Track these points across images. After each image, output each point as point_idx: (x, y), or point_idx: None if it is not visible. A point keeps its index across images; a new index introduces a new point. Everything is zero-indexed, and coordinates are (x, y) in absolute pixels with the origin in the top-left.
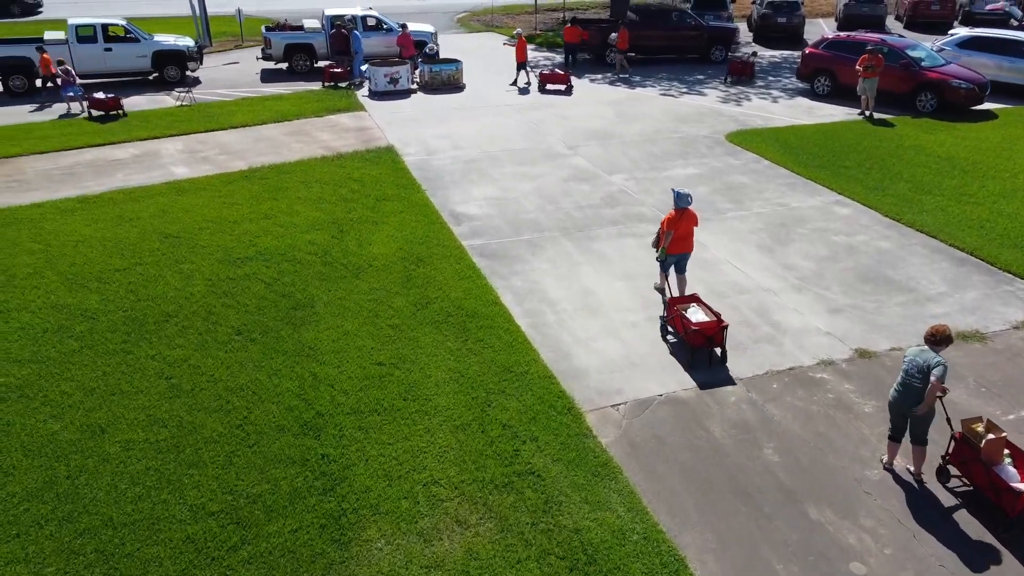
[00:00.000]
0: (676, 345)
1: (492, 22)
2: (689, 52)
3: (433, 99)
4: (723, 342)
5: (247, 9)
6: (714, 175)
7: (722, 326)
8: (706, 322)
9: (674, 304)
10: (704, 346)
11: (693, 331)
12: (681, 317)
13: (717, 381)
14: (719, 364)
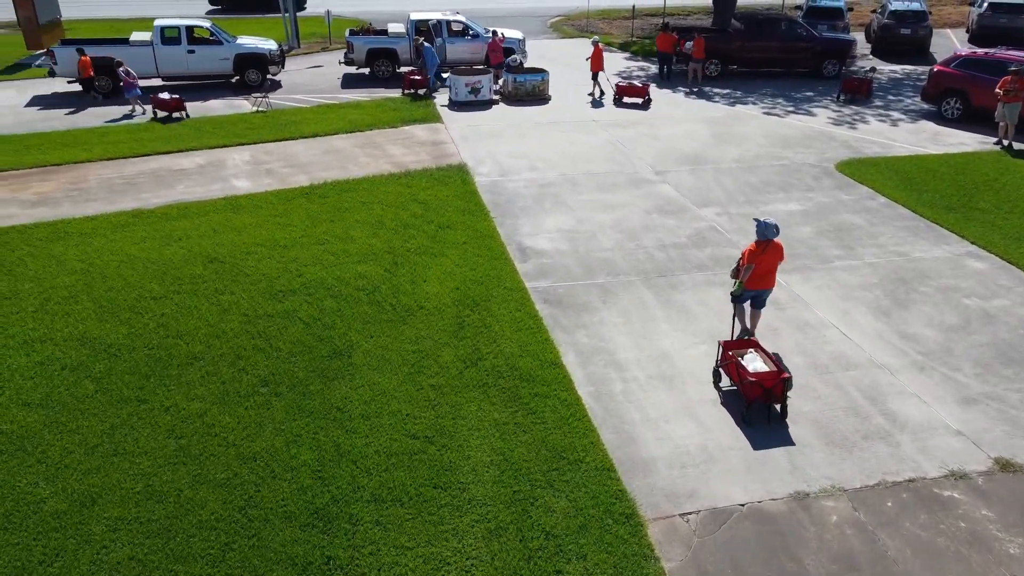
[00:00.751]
0: (765, 434)
1: (587, 27)
2: (799, 66)
3: (515, 111)
4: (784, 396)
5: (340, 10)
6: (820, 213)
7: (783, 377)
8: (765, 372)
9: (729, 348)
10: (761, 399)
11: (750, 382)
12: (736, 365)
13: (814, 486)
14: (778, 421)
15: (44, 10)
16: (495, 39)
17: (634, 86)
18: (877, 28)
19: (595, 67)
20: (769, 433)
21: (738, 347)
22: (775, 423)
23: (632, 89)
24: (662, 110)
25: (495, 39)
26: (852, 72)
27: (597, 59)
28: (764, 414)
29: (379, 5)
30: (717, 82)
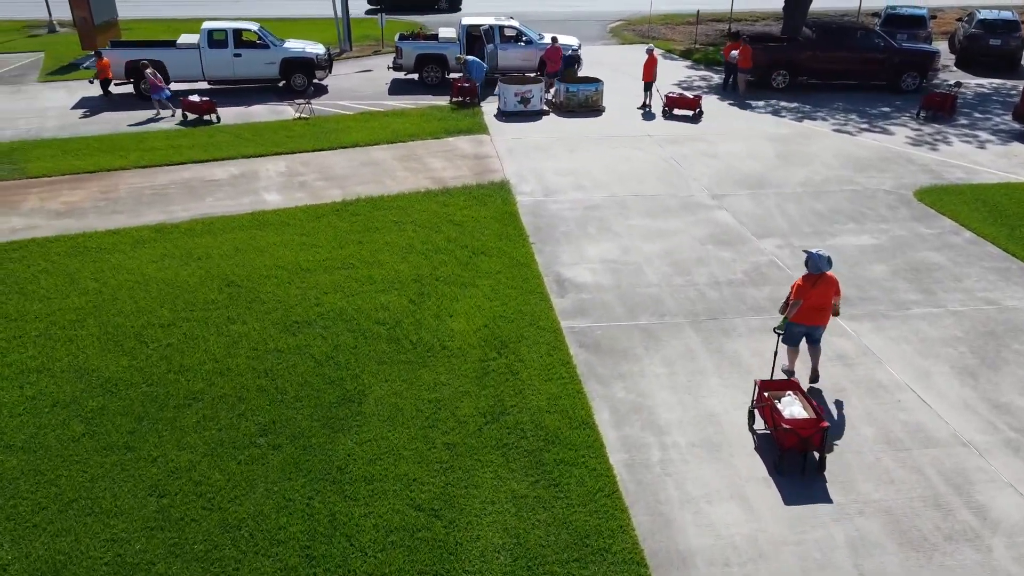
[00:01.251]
0: (826, 527)
1: (648, 33)
2: (875, 78)
3: (565, 123)
4: (823, 445)
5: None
6: (896, 248)
7: (822, 427)
8: (802, 420)
9: (766, 389)
10: (797, 449)
11: (784, 430)
12: (772, 409)
13: None
14: (815, 472)
15: (100, 10)
16: (553, 45)
17: (685, 97)
18: (963, 38)
19: (647, 76)
20: (827, 523)
21: (776, 388)
22: (811, 474)
23: (683, 101)
24: (723, 125)
25: (553, 45)
26: (934, 86)
27: (650, 68)
28: (798, 466)
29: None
30: (785, 95)
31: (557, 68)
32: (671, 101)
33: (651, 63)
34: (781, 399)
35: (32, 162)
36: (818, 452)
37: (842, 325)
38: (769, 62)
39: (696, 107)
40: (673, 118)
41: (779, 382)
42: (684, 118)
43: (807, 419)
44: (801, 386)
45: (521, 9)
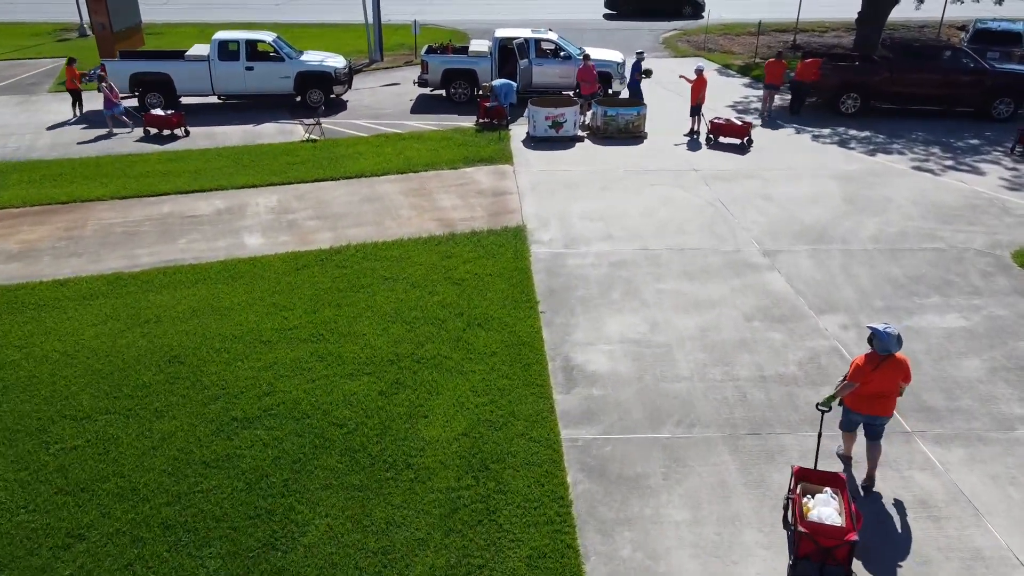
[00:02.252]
0: None
1: (705, 44)
2: (962, 104)
3: (600, 153)
4: (848, 563)
5: (437, 18)
6: (994, 334)
7: (849, 539)
8: (827, 526)
9: (803, 478)
10: (814, 559)
11: (802, 534)
12: (799, 504)
13: None
14: None
15: (121, 15)
16: (586, 64)
17: (732, 124)
18: None
19: (695, 99)
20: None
21: (816, 480)
22: None
23: (730, 128)
24: (780, 158)
25: (586, 64)
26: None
27: (698, 90)
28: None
29: (487, 14)
30: (855, 121)
31: (593, 90)
32: (716, 128)
33: (700, 85)
34: (816, 495)
35: (5, 189)
36: (844, 569)
37: (925, 452)
38: (838, 84)
39: (745, 135)
40: (719, 147)
41: (821, 473)
42: (732, 147)
43: (833, 526)
44: (847, 485)
45: (571, 18)
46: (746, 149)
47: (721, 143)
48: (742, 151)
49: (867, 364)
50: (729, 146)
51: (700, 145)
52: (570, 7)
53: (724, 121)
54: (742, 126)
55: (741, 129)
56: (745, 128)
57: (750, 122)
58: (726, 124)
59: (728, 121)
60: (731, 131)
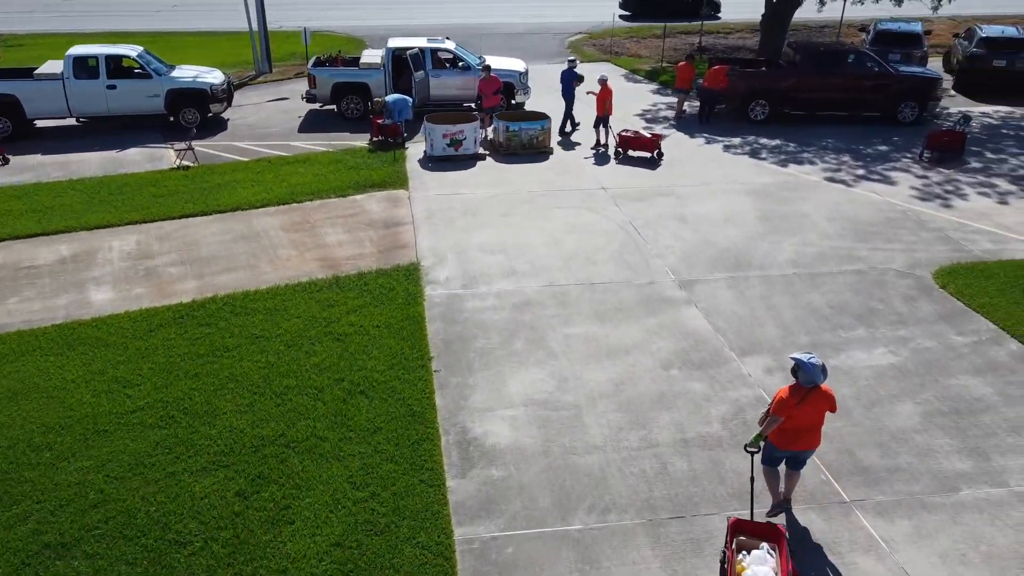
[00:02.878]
0: None
1: (612, 48)
2: (868, 108)
3: (503, 172)
4: None
5: (333, 24)
6: (925, 371)
7: None
8: None
9: (739, 531)
10: None
11: None
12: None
13: None
14: None
15: None
16: (487, 76)
17: (641, 137)
18: (963, 58)
19: (601, 110)
20: None
21: (753, 533)
22: None
23: (639, 141)
24: (692, 172)
25: (487, 76)
26: (935, 117)
27: (603, 101)
28: None
29: (389, 19)
30: (764, 129)
31: (494, 103)
32: (625, 141)
33: (605, 95)
34: (752, 551)
35: None
36: None
37: (868, 528)
38: (747, 91)
39: (655, 148)
40: (629, 161)
41: (758, 525)
42: (642, 161)
43: None
44: (786, 539)
45: (472, 22)
46: (656, 163)
47: (631, 157)
48: (652, 165)
49: (792, 397)
50: (639, 160)
51: (609, 159)
52: (583, 8)
53: (633, 134)
54: (652, 139)
55: (651, 142)
56: (655, 141)
57: (660, 134)
58: (635, 137)
59: (637, 134)
60: (641, 144)
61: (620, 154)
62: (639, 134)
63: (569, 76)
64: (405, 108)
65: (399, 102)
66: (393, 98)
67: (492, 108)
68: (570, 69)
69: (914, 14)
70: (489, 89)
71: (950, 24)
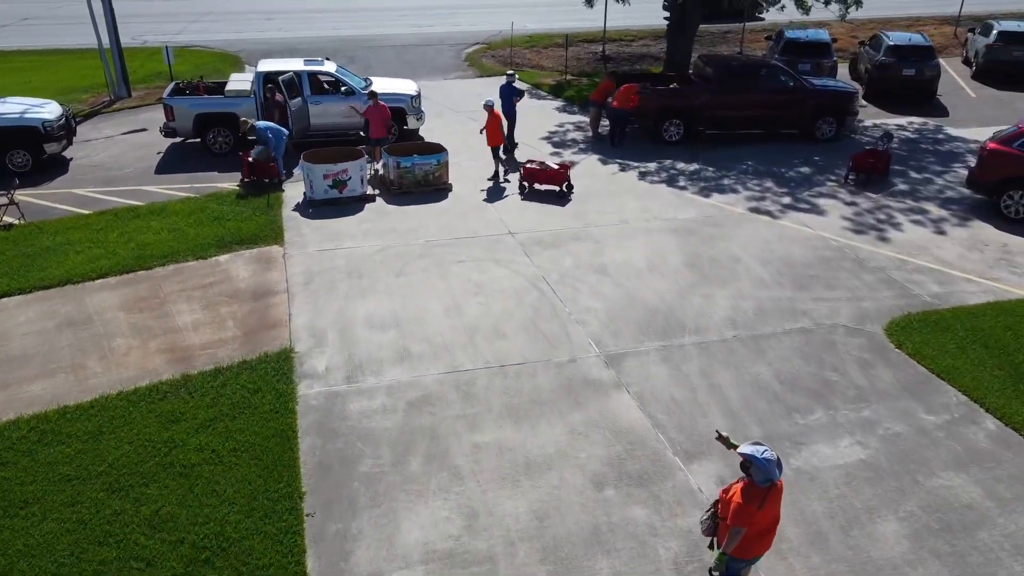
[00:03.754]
0: None
1: (511, 59)
2: (784, 125)
3: (395, 216)
4: None
5: (205, 38)
6: (900, 470)
7: None
8: None
9: None
10: None
11: None
12: None
13: None
14: None
15: None
16: (375, 103)
17: (548, 169)
18: (872, 67)
19: (493, 140)
20: None
21: None
22: None
23: (545, 173)
24: (607, 207)
25: (375, 103)
26: (852, 132)
27: (494, 130)
28: None
29: (268, 31)
30: (680, 151)
31: (382, 135)
32: (530, 174)
33: (494, 123)
34: None
35: None
36: None
37: None
38: (659, 109)
39: (563, 180)
40: (536, 195)
41: None
42: (550, 196)
43: None
44: None
45: (359, 34)
46: (566, 197)
47: (537, 191)
48: (562, 200)
49: (751, 503)
50: (547, 195)
51: (512, 193)
52: (479, 15)
53: (539, 166)
54: (559, 171)
55: (559, 175)
56: (563, 172)
57: (567, 164)
58: (540, 169)
59: (543, 165)
60: (547, 177)
61: (526, 188)
62: (545, 165)
63: (509, 91)
64: (280, 137)
65: (272, 131)
66: (264, 125)
67: (380, 140)
68: (508, 83)
69: (820, 16)
70: (376, 119)
71: (848, 28)
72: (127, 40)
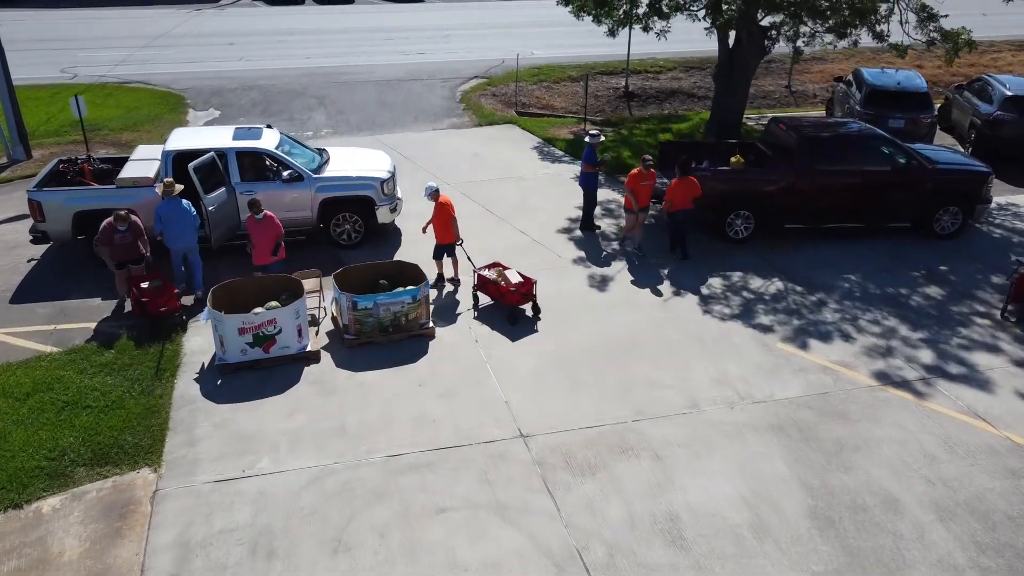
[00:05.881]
0: None
1: (517, 97)
2: (893, 217)
3: (347, 395)
4: None
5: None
6: None
7: None
8: None
9: None
10: None
11: None
12: None
13: None
14: None
15: None
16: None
17: (500, 283)
18: (979, 122)
19: (443, 237)
20: None
21: None
22: None
23: (496, 288)
24: (665, 365)
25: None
26: (978, 222)
27: (443, 222)
28: None
29: (219, 63)
30: (748, 255)
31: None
32: (486, 285)
33: (443, 214)
34: None
35: None
36: None
37: None
38: (724, 196)
39: (523, 296)
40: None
41: None
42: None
43: None
44: None
45: (333, 65)
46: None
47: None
48: (527, 328)
49: None
50: (568, 327)
51: (520, 340)
52: (474, 40)
53: (497, 271)
54: (517, 288)
55: (513, 295)
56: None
57: (532, 279)
58: (496, 286)
59: (499, 274)
60: (499, 294)
61: (477, 300)
62: (502, 278)
63: (589, 155)
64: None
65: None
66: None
67: (265, 267)
68: (591, 148)
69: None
70: (262, 238)
71: (912, 57)
72: (54, 74)
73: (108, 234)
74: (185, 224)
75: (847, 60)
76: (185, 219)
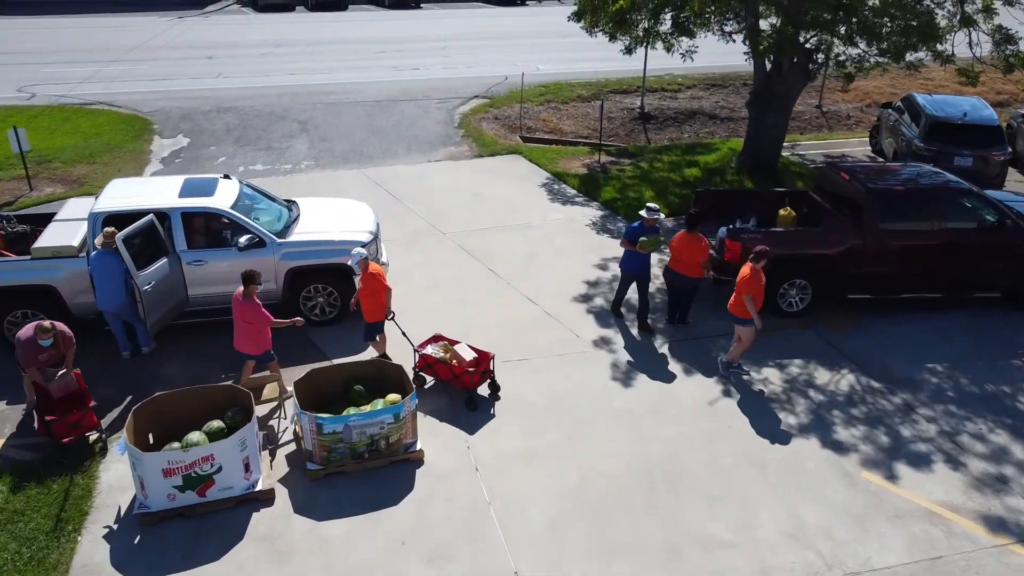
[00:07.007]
0: None
1: (521, 121)
2: (979, 286)
3: (307, 559)
4: None
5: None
6: None
7: None
8: None
9: None
10: None
11: None
12: None
13: None
14: None
15: None
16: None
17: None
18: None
19: (371, 315)
20: None
21: None
22: None
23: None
24: (717, 518)
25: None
26: None
27: (373, 295)
28: None
29: (195, 82)
30: (806, 333)
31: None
32: (431, 365)
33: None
34: None
35: None
36: None
37: None
38: (777, 262)
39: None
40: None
41: None
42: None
43: None
44: None
45: (320, 82)
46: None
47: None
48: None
49: None
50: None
51: (510, 465)
52: (475, 53)
53: (443, 354)
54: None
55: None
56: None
57: (489, 353)
58: (439, 361)
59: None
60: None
61: (424, 382)
62: (451, 350)
63: (634, 231)
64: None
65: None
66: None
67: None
68: (639, 225)
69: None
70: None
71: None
72: (9, 94)
73: (30, 353)
74: (121, 281)
75: (880, 77)
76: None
